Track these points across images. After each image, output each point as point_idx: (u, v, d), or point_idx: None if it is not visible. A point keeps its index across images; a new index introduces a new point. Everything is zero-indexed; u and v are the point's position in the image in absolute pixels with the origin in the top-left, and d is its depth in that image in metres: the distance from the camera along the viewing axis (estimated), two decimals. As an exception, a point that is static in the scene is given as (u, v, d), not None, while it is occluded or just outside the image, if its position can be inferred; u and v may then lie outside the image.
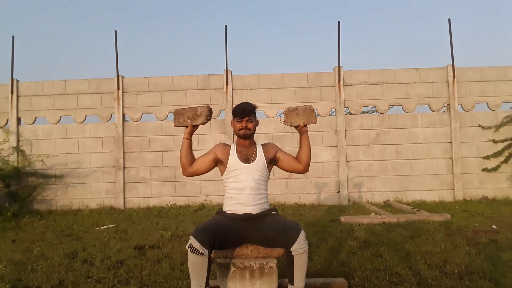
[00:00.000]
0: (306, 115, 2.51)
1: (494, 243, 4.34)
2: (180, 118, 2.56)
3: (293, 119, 2.52)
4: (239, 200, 2.46)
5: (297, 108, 2.53)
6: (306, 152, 2.55)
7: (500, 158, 8.57)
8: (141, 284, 3.24)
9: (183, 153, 2.54)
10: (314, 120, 2.53)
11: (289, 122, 2.53)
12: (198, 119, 2.53)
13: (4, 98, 8.97)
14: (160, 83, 9.05)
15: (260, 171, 2.52)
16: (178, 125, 2.57)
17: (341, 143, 8.70)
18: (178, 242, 4.74)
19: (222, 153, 2.57)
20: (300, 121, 2.50)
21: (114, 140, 8.95)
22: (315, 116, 2.55)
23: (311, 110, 2.52)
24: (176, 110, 2.58)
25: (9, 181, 8.22)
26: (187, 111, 2.55)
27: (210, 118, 2.57)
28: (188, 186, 8.83)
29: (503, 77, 8.75)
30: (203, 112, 2.53)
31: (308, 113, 2.51)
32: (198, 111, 2.53)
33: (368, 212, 6.88)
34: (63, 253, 4.36)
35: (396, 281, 3.16)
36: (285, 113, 2.55)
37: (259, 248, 2.43)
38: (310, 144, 2.57)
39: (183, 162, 2.55)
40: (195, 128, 2.56)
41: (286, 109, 2.54)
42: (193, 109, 2.54)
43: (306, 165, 2.57)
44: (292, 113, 2.52)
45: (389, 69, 8.90)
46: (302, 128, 2.52)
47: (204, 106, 2.56)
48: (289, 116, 2.53)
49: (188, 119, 2.53)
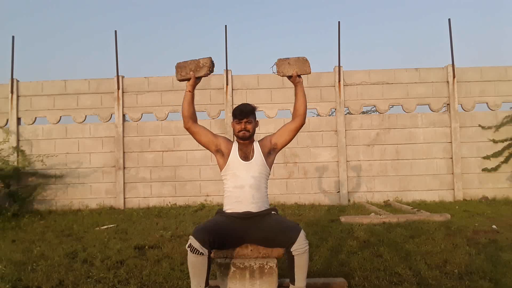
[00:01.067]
0: (299, 65, 2.44)
1: (494, 243, 4.34)
2: (182, 71, 2.49)
3: (285, 69, 2.44)
4: (238, 198, 2.46)
5: (289, 58, 2.45)
6: (302, 103, 2.53)
7: (500, 158, 8.57)
8: (141, 284, 3.24)
9: (185, 106, 2.51)
10: (308, 70, 2.45)
11: (281, 72, 2.46)
12: (201, 71, 2.47)
13: (4, 98, 8.97)
14: (160, 83, 9.05)
15: (259, 168, 2.52)
16: (180, 78, 2.51)
17: (341, 143, 8.70)
18: (178, 242, 4.74)
19: (225, 146, 2.57)
20: (292, 71, 2.43)
21: (114, 140, 8.95)
22: (309, 66, 2.46)
23: (304, 60, 2.45)
24: (178, 63, 2.51)
25: (9, 181, 8.22)
26: (189, 64, 2.48)
27: (212, 70, 2.50)
28: (188, 186, 8.83)
29: (503, 77, 8.75)
30: (205, 64, 2.47)
31: (301, 62, 2.44)
32: (201, 63, 2.47)
33: (368, 212, 6.88)
34: (63, 253, 4.36)
35: (396, 281, 3.16)
36: (276, 63, 2.47)
37: (259, 248, 2.42)
38: (305, 95, 2.54)
39: (185, 114, 2.52)
40: (198, 80, 2.52)
41: (278, 60, 2.46)
42: (195, 61, 2.48)
43: (303, 115, 2.54)
44: (284, 63, 2.45)
45: (389, 69, 8.90)
46: (296, 79, 2.47)
47: (206, 58, 2.49)
48: (281, 66, 2.45)
49: (191, 71, 2.47)
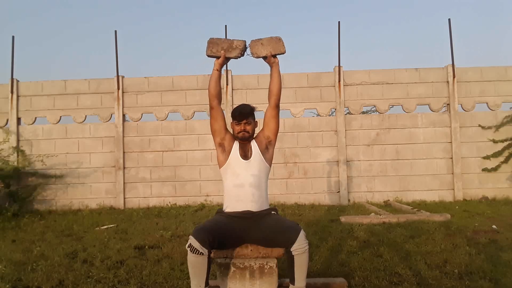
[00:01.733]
0: (273, 45, 2.40)
1: (494, 243, 4.34)
2: (213, 47, 2.44)
3: (259, 50, 2.41)
4: (238, 197, 2.46)
5: (261, 39, 2.41)
6: (277, 83, 2.52)
7: (500, 158, 8.57)
8: (141, 284, 3.24)
9: (212, 84, 2.50)
10: (282, 49, 2.41)
11: (255, 53, 2.43)
12: (233, 52, 2.43)
13: (4, 98, 8.97)
14: (160, 83, 9.05)
15: (258, 166, 2.52)
16: (210, 53, 2.45)
17: (341, 143, 8.70)
18: (178, 242, 4.74)
19: (228, 143, 2.58)
20: (266, 51, 2.40)
21: (114, 140, 8.95)
22: (283, 45, 2.43)
23: (277, 39, 2.42)
24: (210, 39, 2.46)
25: (9, 181, 8.23)
26: (222, 42, 2.44)
27: (243, 54, 2.46)
28: (188, 186, 8.82)
29: (503, 77, 8.75)
30: (238, 46, 2.43)
31: (274, 42, 2.40)
32: (234, 44, 2.43)
33: (368, 212, 6.88)
34: (63, 253, 4.36)
35: (396, 281, 3.16)
36: (249, 44, 2.44)
37: (259, 248, 2.42)
38: (280, 76, 2.53)
39: (211, 93, 2.51)
40: (226, 60, 2.49)
41: (251, 41, 2.43)
42: (229, 41, 2.44)
43: (277, 95, 2.55)
44: (257, 44, 2.41)
45: (389, 69, 8.90)
46: (271, 59, 2.45)
47: (241, 40, 2.45)
48: (254, 47, 2.42)
49: (222, 49, 2.42)
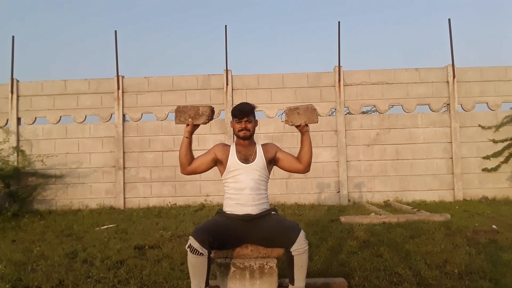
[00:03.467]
0: (308, 115, 2.50)
1: (494, 243, 4.34)
2: (181, 116, 2.53)
3: (295, 119, 2.51)
4: (238, 201, 2.46)
5: (298, 108, 2.51)
6: (307, 152, 2.55)
7: (500, 158, 8.57)
8: (141, 284, 3.25)
9: (183, 152, 2.52)
10: (316, 119, 2.52)
11: (290, 121, 2.52)
12: (200, 119, 2.50)
13: (4, 98, 8.97)
14: (160, 83, 9.05)
15: (259, 171, 2.52)
16: (179, 122, 2.54)
17: (341, 143, 8.70)
18: (178, 242, 4.74)
19: (221, 153, 2.57)
20: (301, 120, 2.49)
21: (114, 140, 8.95)
22: (317, 116, 2.54)
23: (312, 109, 2.51)
24: (178, 107, 2.55)
25: (9, 181, 8.22)
26: (189, 110, 2.51)
27: (211, 118, 2.54)
28: (188, 186, 8.83)
29: (503, 77, 8.75)
30: (205, 112, 2.50)
31: (309, 112, 2.50)
32: (200, 111, 2.50)
33: (368, 212, 6.88)
34: (63, 253, 4.36)
35: (396, 281, 3.16)
36: (286, 112, 2.54)
37: (259, 248, 2.42)
38: (311, 144, 2.57)
39: (182, 161, 2.54)
40: (195, 127, 2.54)
41: (287, 109, 2.53)
42: (195, 108, 2.51)
43: (307, 165, 2.56)
44: (293, 113, 2.51)
45: (389, 69, 8.90)
46: (304, 127, 2.51)
47: (207, 106, 2.52)
48: (290, 116, 2.52)
49: (190, 117, 2.49)
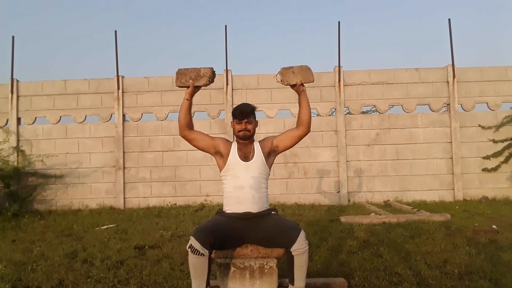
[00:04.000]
0: (303, 73, 2.47)
1: (494, 243, 4.34)
2: (182, 78, 2.52)
3: (290, 78, 2.48)
4: (238, 199, 2.45)
5: (292, 67, 2.48)
6: (306, 111, 2.54)
7: (500, 158, 8.56)
8: (141, 284, 3.25)
9: (182, 113, 2.52)
10: (311, 78, 2.48)
11: (285, 81, 2.49)
12: (201, 80, 2.50)
13: (4, 98, 8.96)
14: (160, 83, 9.05)
15: (259, 169, 2.51)
16: (179, 84, 2.53)
17: (341, 143, 8.70)
18: (178, 242, 4.74)
19: (224, 147, 2.57)
20: (296, 79, 2.46)
21: (114, 140, 8.95)
22: (312, 75, 2.50)
23: (307, 68, 2.48)
24: (178, 69, 2.53)
25: (9, 181, 8.22)
26: (190, 72, 2.51)
27: (213, 81, 2.53)
28: (188, 186, 8.82)
29: (503, 77, 8.75)
30: (206, 73, 2.49)
31: (304, 71, 2.47)
32: (202, 72, 2.50)
33: (368, 212, 6.88)
34: (63, 253, 4.36)
35: (396, 281, 3.16)
36: (281, 72, 2.50)
37: (259, 248, 2.42)
38: (309, 103, 2.55)
39: (181, 122, 2.53)
40: (197, 89, 2.53)
41: (282, 68, 2.50)
42: (196, 70, 2.51)
43: (307, 124, 2.55)
44: (288, 72, 2.48)
45: (389, 69, 8.90)
46: (300, 87, 2.49)
47: (208, 68, 2.52)
48: (285, 75, 2.48)
49: (191, 79, 2.49)
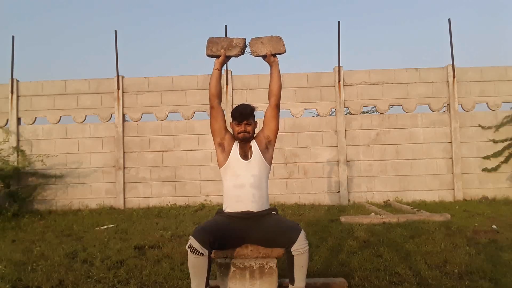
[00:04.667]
0: (273, 44, 2.41)
1: (494, 243, 4.34)
2: (213, 46, 2.46)
3: (259, 48, 2.43)
4: (238, 198, 2.45)
5: (261, 37, 2.42)
6: (277, 82, 2.52)
7: (500, 158, 8.56)
8: (141, 284, 3.25)
9: (213, 82, 2.50)
10: (283, 48, 2.42)
11: (254, 52, 2.44)
12: (233, 50, 2.44)
13: (4, 98, 8.96)
14: (160, 83, 9.05)
15: (259, 166, 2.50)
16: (210, 53, 2.47)
17: (341, 143, 8.70)
18: (178, 242, 4.74)
19: (228, 143, 2.57)
20: (266, 50, 2.41)
21: (114, 140, 8.95)
22: (283, 45, 2.44)
23: (278, 38, 2.42)
24: (210, 38, 2.48)
25: (9, 181, 8.22)
26: (222, 41, 2.45)
27: (243, 52, 2.48)
28: (188, 186, 8.82)
29: (503, 77, 8.74)
30: (238, 44, 2.44)
31: (274, 41, 2.42)
32: (234, 42, 2.44)
33: (368, 212, 6.88)
34: (63, 253, 4.36)
35: (396, 281, 3.16)
36: (249, 43, 2.45)
37: (259, 248, 2.42)
38: (280, 75, 2.52)
39: (212, 92, 2.51)
40: (227, 59, 2.49)
41: (251, 39, 2.44)
42: (229, 40, 2.45)
43: (277, 95, 2.55)
44: (256, 42, 2.43)
45: (389, 69, 8.90)
46: (270, 58, 2.45)
47: (241, 38, 2.46)
48: (254, 45, 2.44)
49: (222, 48, 2.43)
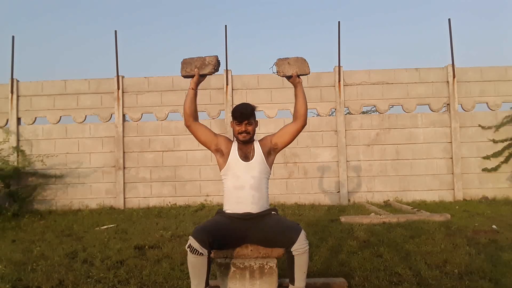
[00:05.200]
0: (298, 65, 2.45)
1: (494, 243, 4.34)
2: (187, 67, 2.49)
3: (285, 69, 2.46)
4: (238, 199, 2.44)
5: (288, 58, 2.46)
6: (303, 104, 2.51)
7: (500, 158, 8.57)
8: (141, 284, 3.24)
9: (187, 103, 2.50)
10: (307, 70, 2.46)
11: (281, 72, 2.47)
12: (206, 68, 2.47)
13: (4, 98, 8.97)
14: (160, 83, 9.05)
15: (259, 168, 2.50)
16: (184, 74, 2.51)
17: (341, 143, 8.70)
18: (178, 242, 4.74)
19: (225, 146, 2.56)
20: (292, 71, 2.44)
21: (114, 140, 8.95)
22: (308, 66, 2.48)
23: (303, 60, 2.46)
24: (184, 59, 2.52)
25: (9, 181, 8.22)
26: (195, 61, 2.48)
27: (217, 69, 2.51)
28: (188, 186, 8.83)
29: (503, 77, 8.75)
30: (211, 62, 2.47)
31: (300, 62, 2.45)
32: (207, 60, 2.47)
33: (368, 212, 6.88)
34: (63, 253, 4.36)
35: (396, 281, 3.16)
36: (276, 63, 2.48)
37: (259, 248, 2.42)
38: (305, 96, 2.53)
39: (186, 112, 2.51)
40: (202, 78, 2.52)
41: (278, 59, 2.47)
42: (201, 59, 2.48)
43: (304, 116, 2.53)
44: (283, 63, 2.46)
45: (389, 69, 8.90)
46: (295, 79, 2.47)
47: (213, 56, 2.49)
48: (281, 66, 2.47)
49: (196, 68, 2.47)
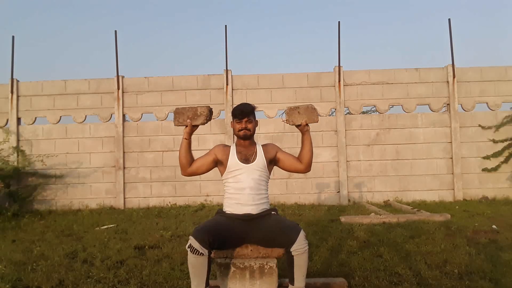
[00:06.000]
0: (308, 114, 2.52)
1: (494, 243, 4.34)
2: (180, 117, 2.55)
3: (295, 118, 2.53)
4: (238, 200, 2.46)
5: (298, 107, 2.54)
6: (308, 151, 2.55)
7: (500, 158, 8.57)
8: (141, 284, 3.25)
9: (182, 153, 2.53)
10: (316, 119, 2.54)
11: (291, 121, 2.54)
12: (198, 119, 2.52)
13: (4, 98, 8.97)
14: (160, 83, 9.05)
15: (260, 171, 2.52)
16: (177, 124, 2.56)
17: (341, 143, 8.70)
18: (178, 242, 4.74)
19: (222, 154, 2.57)
20: (302, 120, 2.51)
21: (114, 140, 8.95)
22: (317, 115, 2.56)
23: (312, 108, 2.53)
24: (176, 109, 2.57)
25: (9, 181, 8.23)
26: (187, 111, 2.53)
27: (210, 119, 2.56)
28: (188, 186, 8.83)
29: (503, 77, 8.75)
30: (203, 112, 2.52)
31: (309, 111, 2.53)
32: (198, 111, 2.52)
33: (368, 212, 6.88)
34: (63, 253, 4.36)
35: (396, 281, 3.16)
36: (287, 112, 2.56)
37: (259, 248, 2.42)
38: (312, 143, 2.58)
39: (182, 162, 2.54)
40: (194, 128, 2.55)
41: (288, 108, 2.55)
42: (193, 109, 2.53)
43: (307, 164, 2.57)
44: (294, 112, 2.54)
45: (389, 69, 8.90)
46: (304, 127, 2.53)
47: (204, 106, 2.54)
48: (291, 115, 2.54)
49: (188, 118, 2.51)
